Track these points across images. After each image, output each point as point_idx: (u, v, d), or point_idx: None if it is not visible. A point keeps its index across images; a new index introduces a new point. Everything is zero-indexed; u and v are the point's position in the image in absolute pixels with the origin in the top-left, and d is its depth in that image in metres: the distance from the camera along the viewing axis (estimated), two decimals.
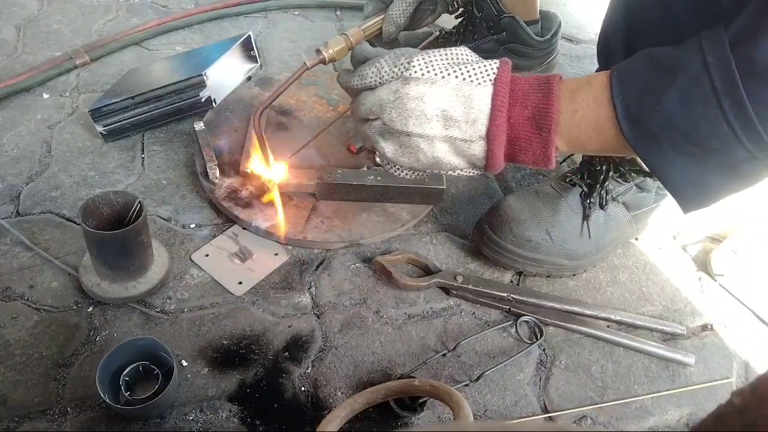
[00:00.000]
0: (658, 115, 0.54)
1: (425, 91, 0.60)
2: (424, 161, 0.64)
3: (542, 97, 0.58)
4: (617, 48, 0.78)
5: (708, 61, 0.51)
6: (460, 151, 0.62)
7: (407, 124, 0.61)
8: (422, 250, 0.89)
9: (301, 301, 0.81)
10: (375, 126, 0.64)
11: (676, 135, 0.55)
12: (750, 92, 0.50)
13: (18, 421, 0.66)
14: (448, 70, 0.60)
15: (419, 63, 0.61)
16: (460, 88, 0.59)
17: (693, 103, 0.53)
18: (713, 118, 0.52)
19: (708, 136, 0.53)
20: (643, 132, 0.56)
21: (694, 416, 0.76)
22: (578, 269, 0.88)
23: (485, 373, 0.74)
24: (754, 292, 0.90)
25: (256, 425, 0.68)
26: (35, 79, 1.07)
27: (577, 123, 0.59)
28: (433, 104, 0.60)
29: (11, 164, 0.93)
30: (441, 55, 0.62)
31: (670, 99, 0.54)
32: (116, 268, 0.74)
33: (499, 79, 0.59)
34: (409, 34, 1.11)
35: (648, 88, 0.55)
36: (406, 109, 0.60)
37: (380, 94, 0.62)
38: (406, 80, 0.60)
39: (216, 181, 0.90)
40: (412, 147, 0.63)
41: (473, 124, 0.60)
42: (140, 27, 1.23)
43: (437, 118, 0.60)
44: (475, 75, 0.60)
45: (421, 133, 0.61)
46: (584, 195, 0.86)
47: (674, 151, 0.56)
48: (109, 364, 0.66)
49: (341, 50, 0.86)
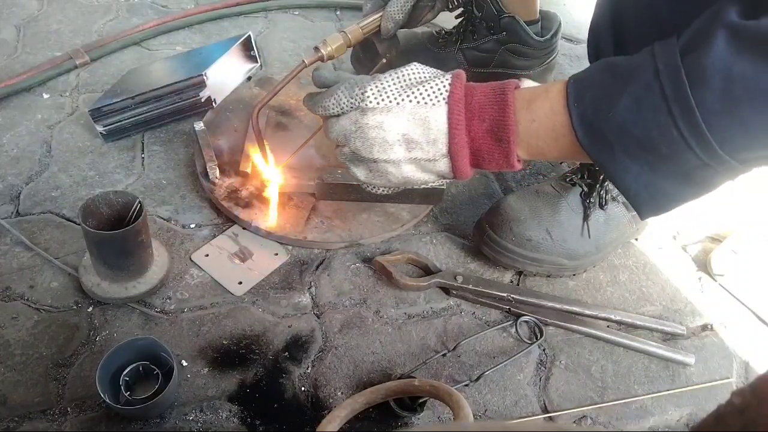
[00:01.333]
0: (612, 122, 0.55)
1: (383, 120, 0.62)
2: (395, 181, 0.67)
3: (498, 109, 0.60)
4: (606, 43, 0.78)
5: (659, 68, 0.52)
6: (427, 169, 0.65)
7: (372, 152, 0.64)
8: (422, 250, 0.89)
9: (301, 301, 0.81)
10: (344, 153, 0.68)
11: (629, 141, 0.56)
12: (699, 100, 0.50)
13: (18, 421, 0.66)
14: (401, 95, 0.62)
15: (372, 92, 0.63)
16: (415, 111, 0.61)
17: (644, 109, 0.54)
18: (664, 125, 0.53)
19: (659, 142, 0.54)
20: (598, 138, 0.57)
21: (694, 416, 0.76)
22: (578, 269, 0.88)
23: (485, 373, 0.74)
24: (754, 292, 0.90)
25: (256, 425, 0.68)
26: (35, 79, 1.07)
27: (535, 131, 0.60)
28: (392, 130, 0.62)
29: (11, 164, 0.93)
30: (393, 79, 0.63)
31: (622, 105, 0.55)
32: (116, 268, 0.74)
33: (453, 96, 0.61)
34: (409, 34, 1.11)
35: (602, 95, 0.56)
36: (368, 138, 0.63)
37: (343, 124, 0.65)
38: (363, 111, 0.63)
39: (216, 181, 0.90)
40: (381, 171, 0.66)
41: (434, 144, 0.62)
42: (140, 27, 1.23)
43: (399, 143, 0.63)
44: (429, 96, 0.61)
45: (386, 158, 0.64)
46: (584, 195, 0.86)
47: (628, 157, 0.57)
48: (109, 364, 0.66)
49: (339, 47, 0.86)
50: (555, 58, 1.13)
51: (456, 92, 0.61)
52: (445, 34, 1.11)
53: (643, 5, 0.70)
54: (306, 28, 1.33)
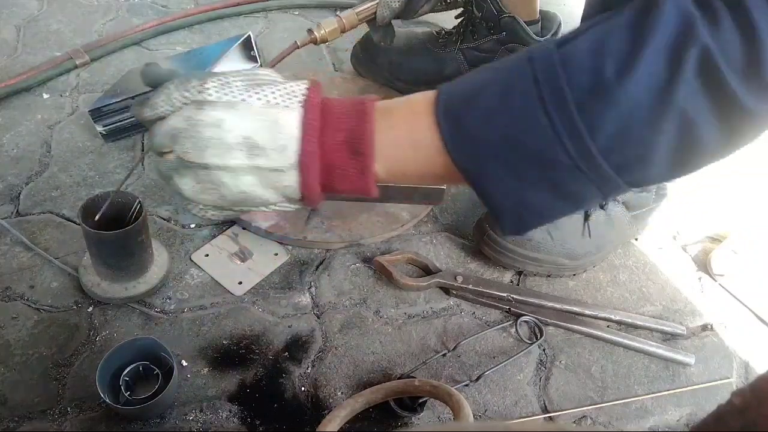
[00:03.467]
0: (477, 111, 0.50)
1: (224, 117, 0.52)
2: (229, 197, 0.55)
3: (357, 119, 0.52)
4: None
5: (532, 57, 0.48)
6: (271, 183, 0.54)
7: (204, 156, 0.52)
8: (422, 250, 0.89)
9: (301, 301, 0.81)
10: (168, 160, 0.54)
11: (493, 133, 0.49)
12: (570, 79, 0.46)
13: (18, 421, 0.66)
14: (249, 92, 0.53)
15: (214, 84, 0.53)
16: (264, 111, 0.52)
17: (512, 94, 0.48)
18: (532, 111, 0.47)
19: (526, 133, 0.48)
20: (461, 133, 0.50)
21: (694, 416, 0.76)
22: (578, 269, 0.88)
23: (485, 373, 0.74)
24: (754, 292, 0.90)
25: (256, 425, 0.68)
26: (35, 79, 1.07)
27: (393, 140, 0.53)
28: (234, 131, 0.51)
29: (11, 164, 0.93)
30: (240, 76, 0.54)
31: (490, 92, 0.49)
32: (116, 268, 0.74)
33: (309, 101, 0.53)
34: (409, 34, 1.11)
35: (471, 86, 0.51)
36: (202, 139, 0.52)
37: (171, 122, 0.53)
38: (200, 105, 0.52)
39: None
40: (213, 182, 0.54)
41: (282, 152, 0.52)
42: (140, 27, 1.23)
43: (240, 147, 0.52)
44: (281, 96, 0.53)
45: (222, 164, 0.52)
46: None
47: (493, 158, 0.50)
48: (109, 364, 0.66)
49: (333, 31, 0.86)
50: None
51: (313, 97, 0.53)
52: (445, 34, 1.11)
53: None
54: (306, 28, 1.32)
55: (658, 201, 0.91)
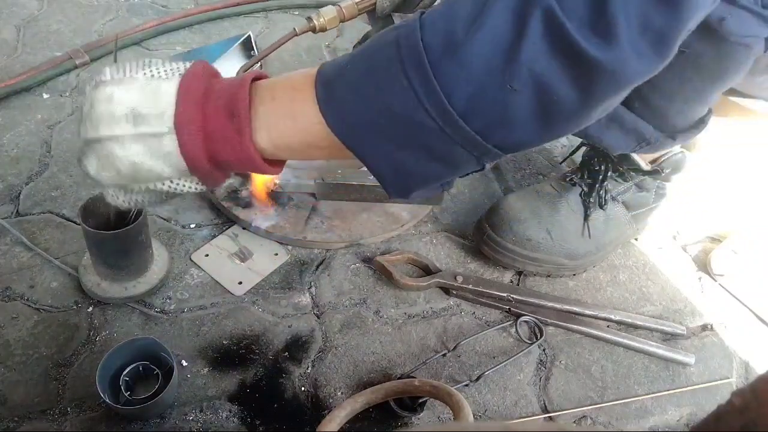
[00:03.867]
0: (347, 76, 0.52)
1: (113, 90, 0.56)
2: (124, 171, 0.58)
3: (237, 85, 0.55)
4: None
5: (398, 25, 0.50)
6: (155, 151, 0.57)
7: (98, 129, 0.57)
8: (422, 250, 0.89)
9: (301, 301, 0.81)
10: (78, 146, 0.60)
11: (365, 101, 0.51)
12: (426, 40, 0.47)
13: (18, 421, 0.66)
14: (137, 70, 0.57)
15: (110, 68, 0.58)
16: (147, 83, 0.56)
17: (376, 59, 0.50)
18: (394, 75, 0.49)
19: (391, 97, 0.50)
20: (337, 102, 0.52)
21: (694, 416, 0.76)
22: (578, 269, 0.88)
23: (485, 373, 0.74)
24: (754, 292, 0.90)
25: (256, 425, 0.68)
26: (35, 79, 1.07)
27: (275, 109, 0.55)
28: (121, 103, 0.56)
29: (11, 164, 0.93)
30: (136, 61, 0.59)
31: (359, 59, 0.52)
32: (116, 268, 0.74)
33: (190, 71, 0.56)
34: None
35: (346, 59, 0.53)
36: (96, 115, 0.57)
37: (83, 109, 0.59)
38: (97, 85, 0.57)
39: None
40: (108, 155, 0.58)
41: (161, 117, 0.56)
42: (140, 27, 1.23)
43: (126, 118, 0.56)
44: (164, 71, 0.57)
45: (111, 134, 0.56)
46: (584, 195, 0.86)
47: (366, 124, 0.52)
48: (109, 364, 0.66)
49: (332, 20, 0.86)
50: None
51: (195, 69, 0.56)
52: None
53: None
54: None
55: (658, 201, 0.91)
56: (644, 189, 0.88)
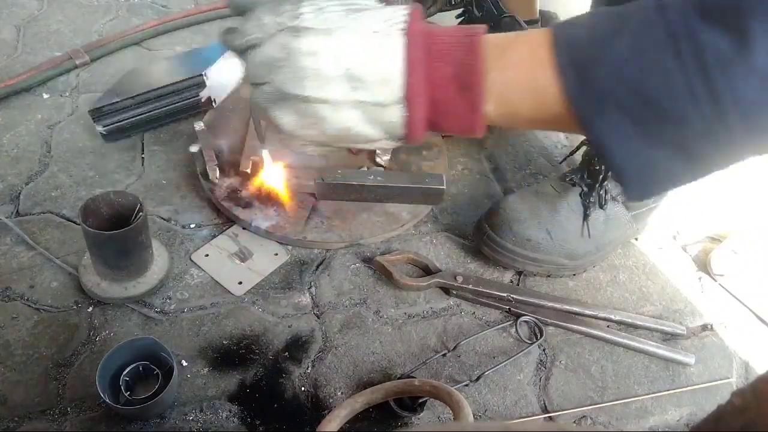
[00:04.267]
0: (607, 64, 0.47)
1: (322, 45, 0.48)
2: (330, 132, 0.52)
3: (466, 50, 0.48)
4: None
5: (664, 6, 0.45)
6: (373, 118, 0.51)
7: (304, 86, 0.49)
8: (422, 250, 0.89)
9: (301, 301, 0.81)
10: (265, 91, 0.52)
11: (624, 88, 0.47)
12: (709, 39, 0.43)
13: (18, 421, 0.66)
14: (348, 18, 0.49)
15: (309, 9, 0.50)
16: (364, 40, 0.48)
17: (645, 49, 0.45)
18: (667, 68, 0.44)
19: (660, 88, 0.46)
20: (587, 85, 0.47)
21: (694, 416, 0.76)
22: (578, 269, 0.88)
23: (485, 373, 0.74)
24: (754, 292, 0.90)
25: (256, 425, 0.68)
26: (35, 79, 1.07)
27: (510, 80, 0.49)
28: (333, 61, 0.49)
29: (11, 164, 0.93)
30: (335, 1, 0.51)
31: (620, 45, 0.46)
32: (116, 268, 0.74)
33: (412, 27, 0.49)
34: None
35: (597, 35, 0.48)
36: (300, 68, 0.49)
37: (266, 50, 0.51)
38: (297, 31, 0.49)
39: (216, 181, 0.90)
40: (315, 115, 0.51)
41: (386, 84, 0.49)
42: (140, 27, 1.23)
43: (341, 79, 0.49)
44: (382, 22, 0.49)
45: (323, 97, 0.49)
46: (584, 195, 0.86)
47: (621, 112, 0.47)
48: (109, 364, 0.66)
49: None
50: None
51: (415, 24, 0.49)
52: None
53: None
54: None
55: (658, 200, 0.91)
56: None
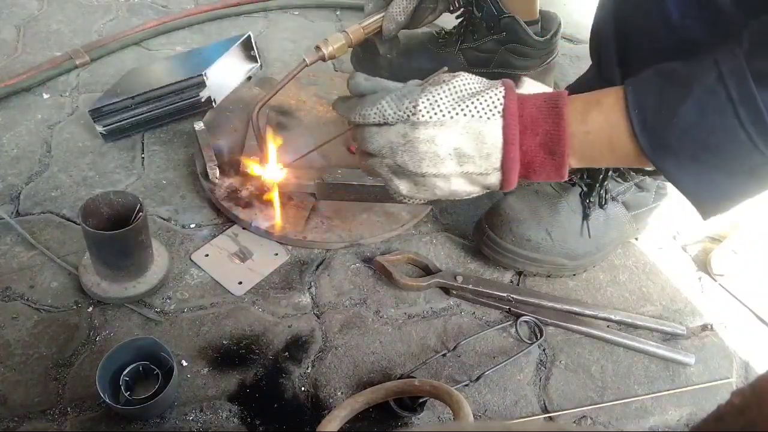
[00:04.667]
0: (675, 128, 0.56)
1: (435, 134, 0.60)
2: (440, 194, 0.65)
3: (553, 123, 0.59)
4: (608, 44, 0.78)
5: (723, 72, 0.53)
6: (476, 182, 0.64)
7: (421, 166, 0.62)
8: (422, 250, 0.89)
9: (301, 301, 0.81)
10: (386, 165, 0.64)
11: (694, 145, 0.56)
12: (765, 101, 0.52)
13: (18, 421, 0.66)
14: (455, 109, 0.60)
15: (425, 106, 0.60)
16: (469, 125, 0.60)
17: (709, 113, 0.54)
18: (730, 128, 0.53)
19: (725, 144, 0.55)
20: (661, 144, 0.57)
21: (694, 416, 0.76)
22: (578, 269, 0.88)
23: (485, 373, 0.74)
24: (754, 292, 0.90)
25: (256, 425, 0.68)
26: (35, 79, 1.07)
27: (591, 143, 0.61)
28: (445, 145, 0.60)
29: (11, 164, 0.93)
30: (446, 92, 0.61)
31: (686, 110, 0.55)
32: (116, 268, 0.74)
33: (507, 109, 0.60)
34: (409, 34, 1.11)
35: (664, 101, 0.57)
36: (418, 152, 0.61)
37: (389, 136, 0.62)
38: (414, 125, 0.60)
39: (216, 181, 0.90)
40: (428, 185, 0.64)
41: (487, 159, 0.61)
42: (140, 27, 1.23)
43: (450, 157, 0.61)
44: (483, 110, 0.60)
45: (437, 173, 0.62)
46: (584, 195, 0.86)
47: (692, 160, 0.57)
48: (109, 364, 0.66)
49: (341, 47, 0.86)
50: (555, 58, 1.13)
51: (510, 105, 0.60)
52: (446, 34, 1.11)
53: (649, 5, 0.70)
54: (306, 28, 1.33)
55: (658, 200, 0.91)
56: (644, 189, 0.88)
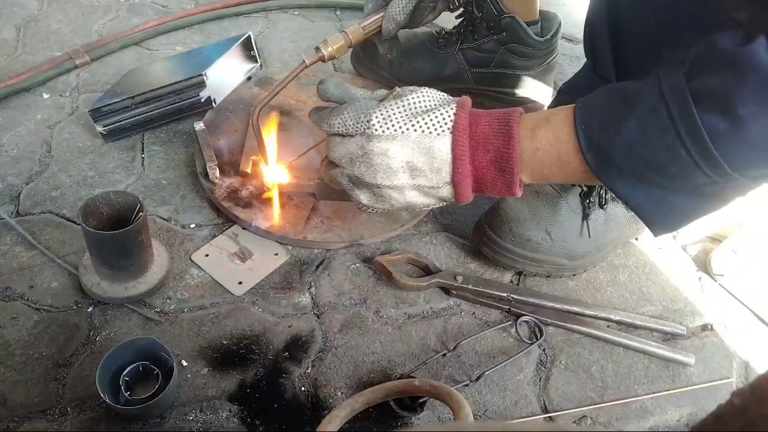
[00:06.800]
0: (619, 144, 0.57)
1: (388, 147, 0.63)
2: (397, 206, 0.68)
3: (503, 141, 0.61)
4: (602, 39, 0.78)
5: (664, 91, 0.54)
6: (430, 194, 0.66)
7: (376, 178, 0.65)
8: (422, 250, 0.89)
9: (301, 301, 0.81)
10: (346, 175, 0.68)
11: (637, 163, 0.57)
12: (705, 121, 0.52)
13: (18, 421, 0.66)
14: (407, 124, 0.63)
15: (378, 120, 0.63)
16: (420, 140, 0.62)
17: (651, 131, 0.55)
18: (671, 146, 0.54)
19: (667, 163, 0.55)
20: (605, 160, 0.58)
21: (694, 416, 0.76)
22: (578, 269, 0.88)
23: (485, 373, 0.74)
24: (754, 292, 0.90)
25: (256, 425, 0.68)
26: (35, 79, 1.07)
27: (540, 159, 0.62)
28: (397, 158, 0.63)
29: (11, 164, 0.93)
30: (399, 107, 0.64)
31: (630, 127, 0.56)
32: (116, 268, 0.74)
33: (457, 126, 0.62)
34: (409, 34, 1.11)
35: (608, 119, 0.57)
36: (372, 164, 0.64)
37: (349, 147, 0.66)
38: (369, 137, 0.63)
39: (216, 181, 0.90)
40: (385, 196, 0.67)
41: (438, 173, 0.63)
42: (140, 27, 1.23)
43: (403, 170, 0.64)
44: (433, 126, 0.62)
45: (390, 185, 0.65)
46: (584, 195, 0.86)
47: (636, 177, 0.58)
48: (109, 364, 0.66)
49: (340, 48, 0.86)
50: (555, 58, 1.13)
51: (460, 122, 0.62)
52: (445, 34, 1.11)
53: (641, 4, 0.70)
54: (306, 28, 1.33)
55: None
56: None
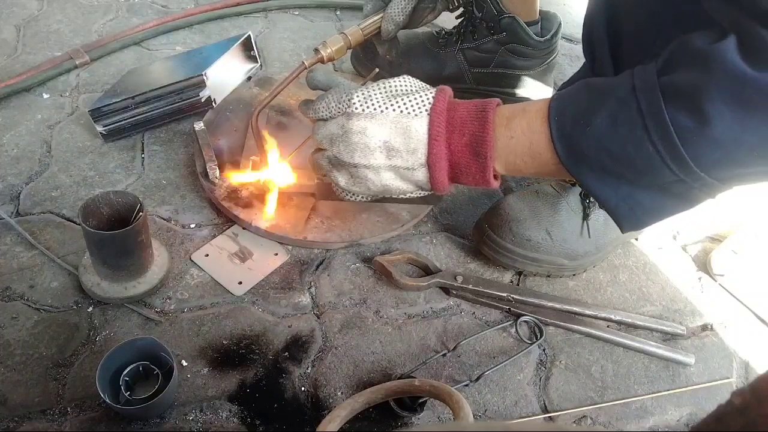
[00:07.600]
0: (589, 136, 0.57)
1: (366, 125, 0.64)
2: (374, 189, 0.69)
3: (479, 125, 0.62)
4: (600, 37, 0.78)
5: (636, 85, 0.54)
6: (406, 178, 0.67)
7: (353, 157, 0.65)
8: (422, 250, 0.89)
9: (301, 301, 0.81)
10: (326, 156, 0.69)
11: (605, 155, 0.57)
12: (673, 117, 0.52)
13: (18, 421, 0.66)
14: (386, 104, 0.64)
15: (358, 99, 0.65)
16: (398, 120, 0.63)
17: (620, 124, 0.55)
18: (639, 140, 0.54)
19: (634, 157, 0.55)
20: (575, 152, 0.59)
21: (694, 416, 0.76)
22: (578, 269, 0.88)
23: (485, 373, 0.74)
24: (754, 292, 0.90)
25: (256, 425, 0.68)
26: (35, 79, 1.07)
27: (513, 148, 0.63)
28: (375, 137, 0.64)
29: (11, 164, 0.93)
30: (379, 88, 0.65)
31: (599, 120, 0.56)
32: (116, 268, 0.74)
33: (435, 108, 0.63)
34: (409, 34, 1.11)
35: (581, 111, 0.58)
36: (351, 143, 0.65)
37: (330, 128, 0.67)
38: (349, 116, 0.65)
39: (216, 181, 0.90)
40: (361, 177, 0.67)
41: (413, 153, 0.64)
42: (140, 27, 1.23)
43: (380, 150, 0.65)
44: (412, 107, 0.63)
45: (367, 164, 0.65)
46: (584, 194, 0.86)
47: (604, 171, 0.59)
48: (109, 364, 0.66)
49: (340, 49, 0.86)
50: (555, 58, 1.13)
51: (438, 105, 0.63)
52: (446, 34, 1.11)
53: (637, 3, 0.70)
54: (306, 28, 1.33)
55: None
56: None
